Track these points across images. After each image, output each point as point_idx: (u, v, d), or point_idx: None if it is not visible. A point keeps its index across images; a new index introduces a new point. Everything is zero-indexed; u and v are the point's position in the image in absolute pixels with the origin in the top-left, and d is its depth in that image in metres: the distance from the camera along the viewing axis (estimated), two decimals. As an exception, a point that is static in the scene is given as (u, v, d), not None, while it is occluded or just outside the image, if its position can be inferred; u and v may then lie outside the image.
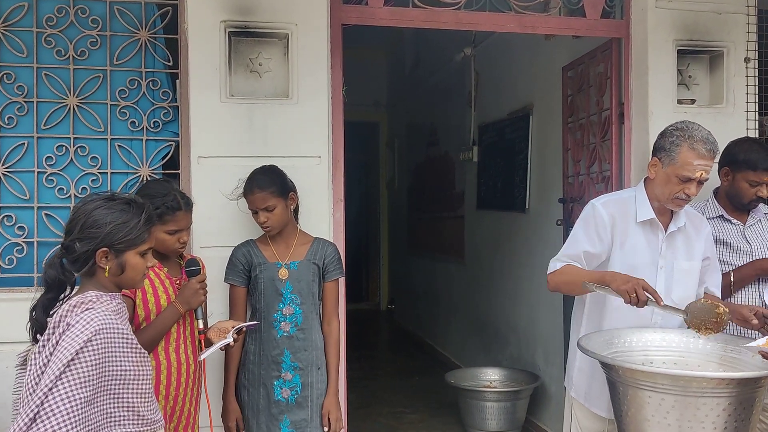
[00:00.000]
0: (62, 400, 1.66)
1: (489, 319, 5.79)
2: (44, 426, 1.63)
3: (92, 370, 1.71)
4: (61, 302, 1.89)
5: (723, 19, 3.39)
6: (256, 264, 2.74)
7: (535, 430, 4.78)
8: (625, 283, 2.26)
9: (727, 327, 2.33)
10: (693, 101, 3.41)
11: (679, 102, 3.37)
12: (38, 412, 1.64)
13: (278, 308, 2.71)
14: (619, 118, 3.55)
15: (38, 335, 1.88)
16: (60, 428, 1.64)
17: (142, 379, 1.85)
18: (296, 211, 2.84)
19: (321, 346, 2.78)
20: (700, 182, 2.46)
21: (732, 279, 2.83)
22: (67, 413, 1.65)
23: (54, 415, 1.64)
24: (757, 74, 3.44)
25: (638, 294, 2.23)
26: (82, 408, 1.68)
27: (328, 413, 2.74)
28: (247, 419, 2.73)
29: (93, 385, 1.71)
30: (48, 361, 1.72)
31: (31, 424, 1.64)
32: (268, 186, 2.66)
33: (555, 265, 2.56)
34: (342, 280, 2.94)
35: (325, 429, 2.74)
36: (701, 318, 2.29)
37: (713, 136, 2.48)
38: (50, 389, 1.66)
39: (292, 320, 2.72)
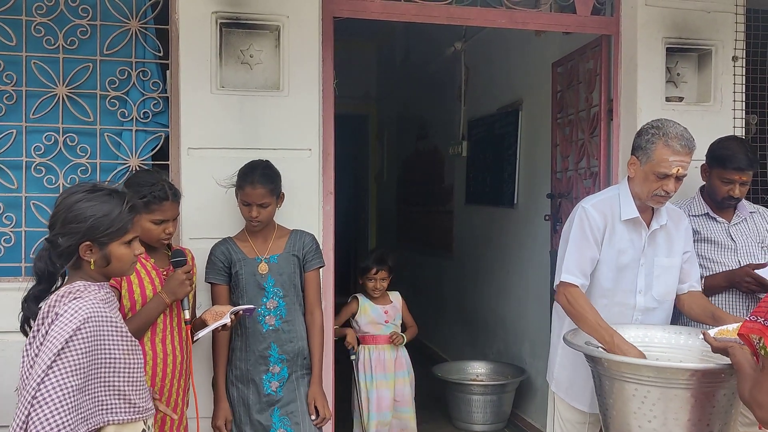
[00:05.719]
0: (54, 388, 1.66)
1: (477, 312, 5.81)
2: (37, 415, 1.64)
3: (83, 357, 1.71)
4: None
5: (712, 17, 3.42)
6: (235, 260, 2.73)
7: (521, 423, 4.81)
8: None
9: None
10: (681, 99, 3.43)
11: (668, 99, 3.40)
12: (32, 403, 1.65)
13: (262, 302, 2.71)
14: (608, 114, 3.57)
15: (27, 325, 1.89)
16: (53, 416, 1.65)
17: (133, 367, 1.86)
18: None
19: (306, 336, 2.79)
20: (678, 178, 2.48)
21: (702, 286, 2.81)
22: (60, 401, 1.66)
23: (47, 403, 1.65)
24: (744, 73, 3.48)
25: None
26: (74, 395, 1.69)
27: (314, 401, 2.75)
28: (239, 414, 2.73)
29: (84, 372, 1.72)
30: (39, 351, 1.72)
31: (29, 416, 1.65)
32: (269, 183, 2.66)
33: (568, 278, 2.50)
34: (323, 271, 2.93)
35: (312, 417, 2.75)
36: None
37: (689, 133, 2.50)
38: (42, 379, 1.66)
39: (277, 313, 2.72)
